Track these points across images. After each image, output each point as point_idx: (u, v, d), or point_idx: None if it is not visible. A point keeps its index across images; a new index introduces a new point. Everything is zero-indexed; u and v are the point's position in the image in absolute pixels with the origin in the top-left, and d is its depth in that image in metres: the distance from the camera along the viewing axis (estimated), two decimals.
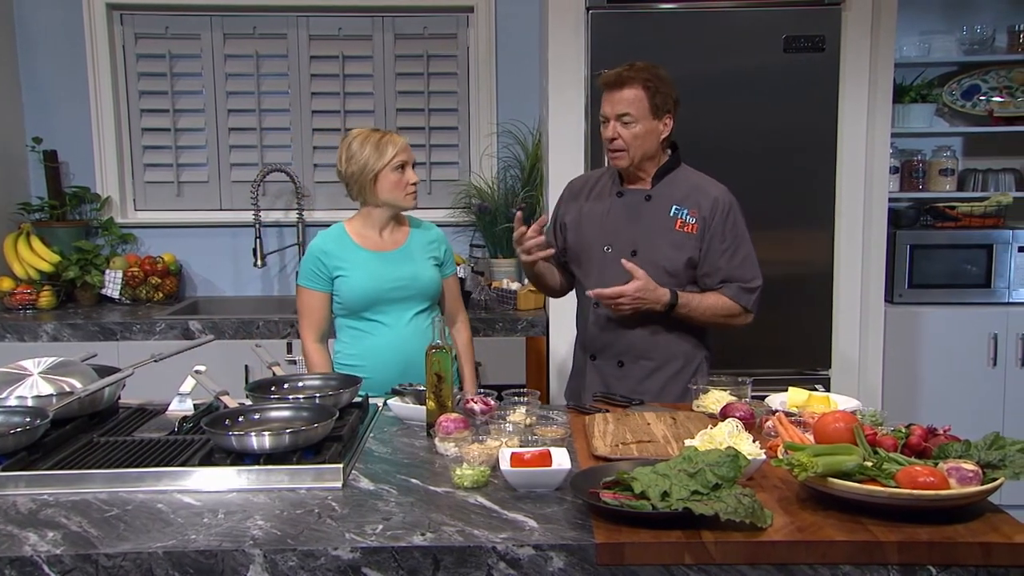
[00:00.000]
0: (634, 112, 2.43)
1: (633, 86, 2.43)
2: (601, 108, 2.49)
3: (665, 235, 2.50)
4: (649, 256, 2.49)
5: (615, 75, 2.45)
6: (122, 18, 4.08)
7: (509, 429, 1.97)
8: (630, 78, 2.43)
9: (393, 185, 2.60)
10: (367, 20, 4.13)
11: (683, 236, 2.49)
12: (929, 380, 3.81)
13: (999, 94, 4.10)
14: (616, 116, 2.45)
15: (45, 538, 1.52)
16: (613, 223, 2.56)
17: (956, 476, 1.54)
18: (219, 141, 4.16)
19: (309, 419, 1.95)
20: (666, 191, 2.54)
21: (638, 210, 2.54)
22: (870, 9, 3.39)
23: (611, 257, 2.53)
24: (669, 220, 2.50)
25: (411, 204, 2.65)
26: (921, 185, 4.11)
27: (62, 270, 3.86)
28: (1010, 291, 3.85)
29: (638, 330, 2.53)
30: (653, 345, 2.54)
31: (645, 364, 2.55)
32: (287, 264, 4.19)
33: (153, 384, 2.45)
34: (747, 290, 2.52)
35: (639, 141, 2.46)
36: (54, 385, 2.12)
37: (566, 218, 2.67)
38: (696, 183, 2.56)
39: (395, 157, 2.59)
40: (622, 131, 2.45)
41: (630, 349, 2.55)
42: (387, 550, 1.48)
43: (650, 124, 2.46)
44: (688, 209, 2.50)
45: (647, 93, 2.43)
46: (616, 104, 2.45)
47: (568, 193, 2.73)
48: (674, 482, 1.54)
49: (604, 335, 2.58)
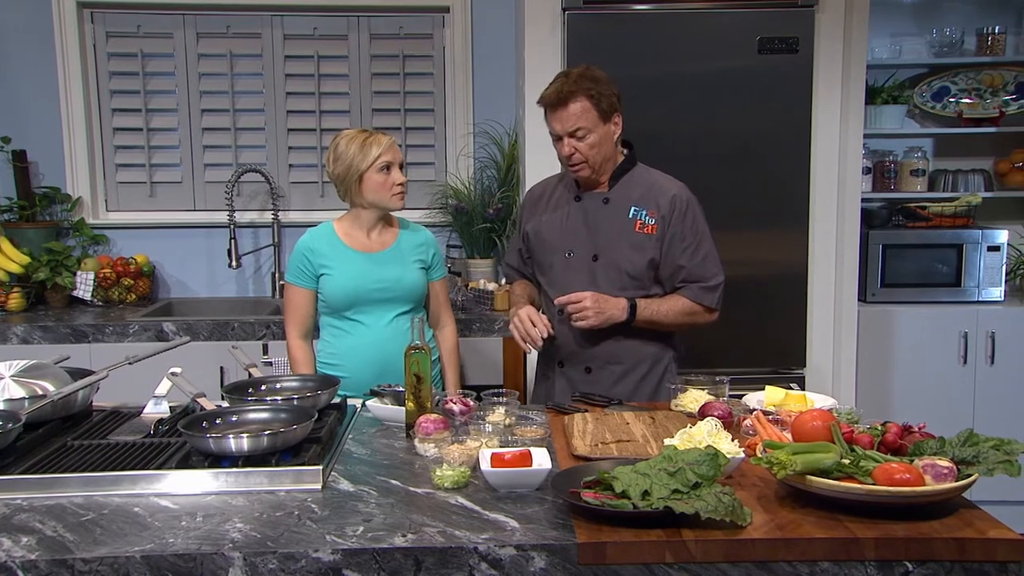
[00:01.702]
0: (585, 124, 2.40)
1: (577, 99, 2.39)
2: (549, 127, 2.46)
3: (625, 238, 2.49)
4: (610, 260, 2.49)
5: (555, 93, 2.41)
6: (93, 16, 4.03)
7: (488, 429, 1.97)
8: (571, 92, 2.39)
9: (378, 186, 2.59)
10: (342, 20, 4.11)
11: (643, 237, 2.48)
12: (901, 378, 3.86)
13: (968, 96, 4.16)
14: (568, 133, 2.42)
15: (19, 543, 1.50)
16: (573, 229, 2.55)
17: (931, 473, 1.56)
18: (192, 141, 4.12)
19: (287, 421, 1.94)
20: (624, 192, 2.52)
21: (597, 214, 2.53)
22: (843, 11, 3.43)
23: (573, 263, 2.52)
24: (628, 222, 2.49)
25: (398, 205, 2.64)
26: (893, 185, 4.16)
27: (32, 272, 3.80)
28: (979, 290, 3.90)
29: (607, 335, 2.51)
30: (620, 349, 2.53)
31: (613, 369, 2.55)
32: (262, 265, 4.16)
33: (127, 387, 2.43)
34: (708, 289, 2.51)
35: (596, 150, 2.44)
36: (26, 388, 2.10)
37: (527, 227, 2.66)
38: (653, 182, 2.54)
39: (379, 158, 2.57)
40: (578, 145, 2.43)
41: (597, 355, 2.54)
42: (368, 552, 1.48)
43: (603, 130, 2.44)
44: (647, 210, 2.49)
45: (592, 102, 2.40)
46: (565, 121, 2.41)
47: (528, 201, 2.72)
48: (655, 481, 1.55)
49: (571, 342, 2.56)
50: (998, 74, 4.15)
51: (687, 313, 2.51)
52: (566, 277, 2.53)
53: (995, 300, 3.90)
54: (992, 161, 4.24)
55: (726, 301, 3.52)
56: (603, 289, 2.48)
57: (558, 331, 2.56)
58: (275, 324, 3.47)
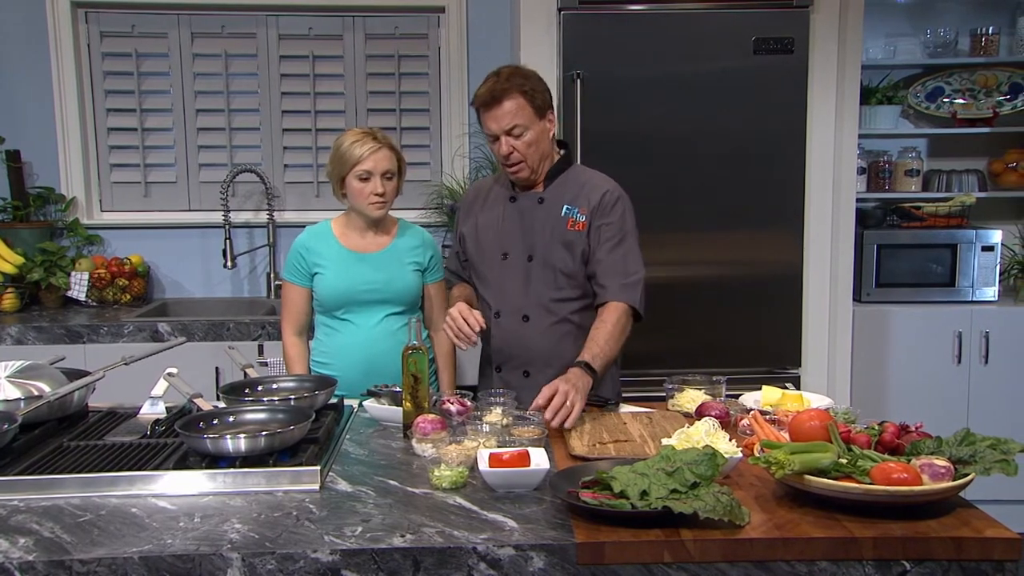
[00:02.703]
0: (521, 121, 2.37)
1: (511, 96, 2.36)
2: (484, 127, 2.43)
3: (558, 236, 2.44)
4: (545, 260, 2.45)
5: (488, 92, 2.38)
6: (87, 16, 4.01)
7: (485, 429, 1.97)
8: (505, 90, 2.36)
9: (356, 192, 2.58)
10: (338, 20, 4.10)
11: (574, 235, 2.43)
12: (896, 378, 3.87)
13: (962, 96, 4.17)
14: (504, 132, 2.38)
15: (17, 544, 1.50)
16: (508, 229, 2.50)
17: (929, 472, 1.57)
18: (187, 141, 4.11)
19: (285, 421, 1.94)
20: (558, 192, 2.48)
21: (532, 214, 2.48)
22: (837, 12, 3.44)
23: (509, 265, 2.48)
24: (561, 220, 2.44)
25: (374, 214, 2.60)
26: (887, 186, 4.17)
27: (26, 272, 3.78)
28: (973, 290, 3.91)
29: (545, 338, 2.47)
30: (558, 353, 2.45)
31: (552, 372, 2.42)
32: (257, 265, 4.15)
33: (122, 387, 2.42)
34: (627, 286, 2.40)
35: (533, 148, 2.41)
36: (22, 389, 2.09)
37: (463, 228, 2.61)
38: (587, 180, 2.50)
39: (357, 165, 2.55)
40: (516, 144, 2.39)
41: (535, 359, 2.49)
42: (367, 552, 1.48)
43: (538, 127, 2.41)
44: (579, 208, 2.44)
45: (526, 99, 2.37)
46: (500, 120, 2.38)
47: (464, 204, 2.69)
48: (653, 481, 1.56)
49: (508, 346, 2.51)
50: (992, 74, 4.16)
51: (623, 328, 2.36)
52: (501, 279, 2.49)
53: (989, 300, 3.91)
54: (986, 161, 4.25)
55: (722, 301, 3.55)
56: (537, 290, 2.43)
57: (494, 335, 2.51)
58: (270, 325, 3.46)
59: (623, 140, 3.37)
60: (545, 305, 2.46)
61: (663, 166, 3.34)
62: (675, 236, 3.42)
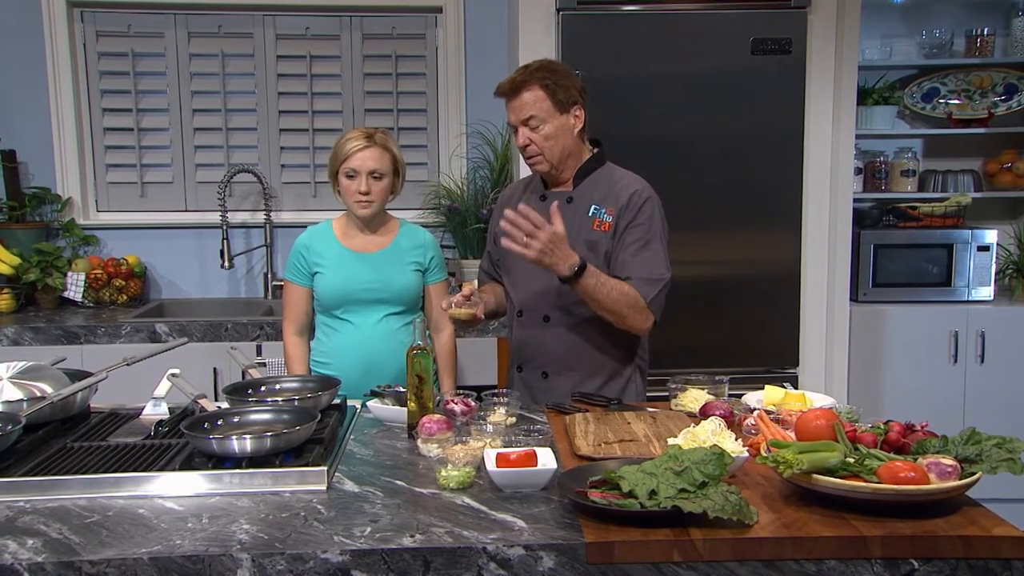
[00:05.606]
0: (538, 113, 2.37)
1: (530, 88, 2.37)
2: (508, 120, 2.45)
3: (582, 236, 2.42)
4: None
5: (509, 82, 2.40)
6: (83, 15, 4.00)
7: (489, 430, 1.97)
8: (524, 81, 2.38)
9: (344, 190, 2.60)
10: (335, 20, 4.10)
11: (599, 235, 2.42)
12: (893, 377, 3.89)
13: (957, 97, 4.19)
14: (522, 122, 2.39)
15: (25, 545, 1.49)
16: None
17: (936, 471, 1.57)
18: (184, 141, 4.10)
19: (290, 422, 1.94)
20: (587, 191, 2.47)
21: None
22: (834, 12, 3.45)
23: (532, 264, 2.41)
24: (588, 221, 2.44)
25: (360, 213, 2.61)
26: (884, 186, 4.19)
27: (22, 272, 3.77)
28: (969, 289, 3.94)
29: (564, 340, 2.46)
30: (578, 356, 2.46)
31: (570, 375, 2.48)
32: (254, 266, 4.14)
33: (121, 388, 2.41)
34: (649, 281, 2.36)
35: (551, 141, 2.40)
36: (24, 390, 2.08)
37: (496, 228, 2.58)
38: (617, 180, 2.48)
39: (344, 163, 2.57)
40: (532, 136, 2.39)
41: (554, 360, 2.49)
42: (377, 552, 1.47)
43: (558, 121, 2.39)
44: (606, 208, 2.43)
45: (546, 91, 2.37)
46: (518, 111, 2.39)
47: (500, 201, 2.69)
48: (661, 480, 1.56)
49: (529, 346, 2.51)
50: (987, 75, 4.19)
51: (628, 300, 2.33)
52: (525, 276, 2.49)
53: (985, 299, 3.94)
54: (981, 162, 4.27)
55: (719, 300, 3.55)
56: (559, 291, 2.41)
57: (515, 334, 2.51)
58: (268, 325, 3.45)
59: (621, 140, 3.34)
60: (566, 307, 2.45)
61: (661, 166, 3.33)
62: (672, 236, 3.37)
